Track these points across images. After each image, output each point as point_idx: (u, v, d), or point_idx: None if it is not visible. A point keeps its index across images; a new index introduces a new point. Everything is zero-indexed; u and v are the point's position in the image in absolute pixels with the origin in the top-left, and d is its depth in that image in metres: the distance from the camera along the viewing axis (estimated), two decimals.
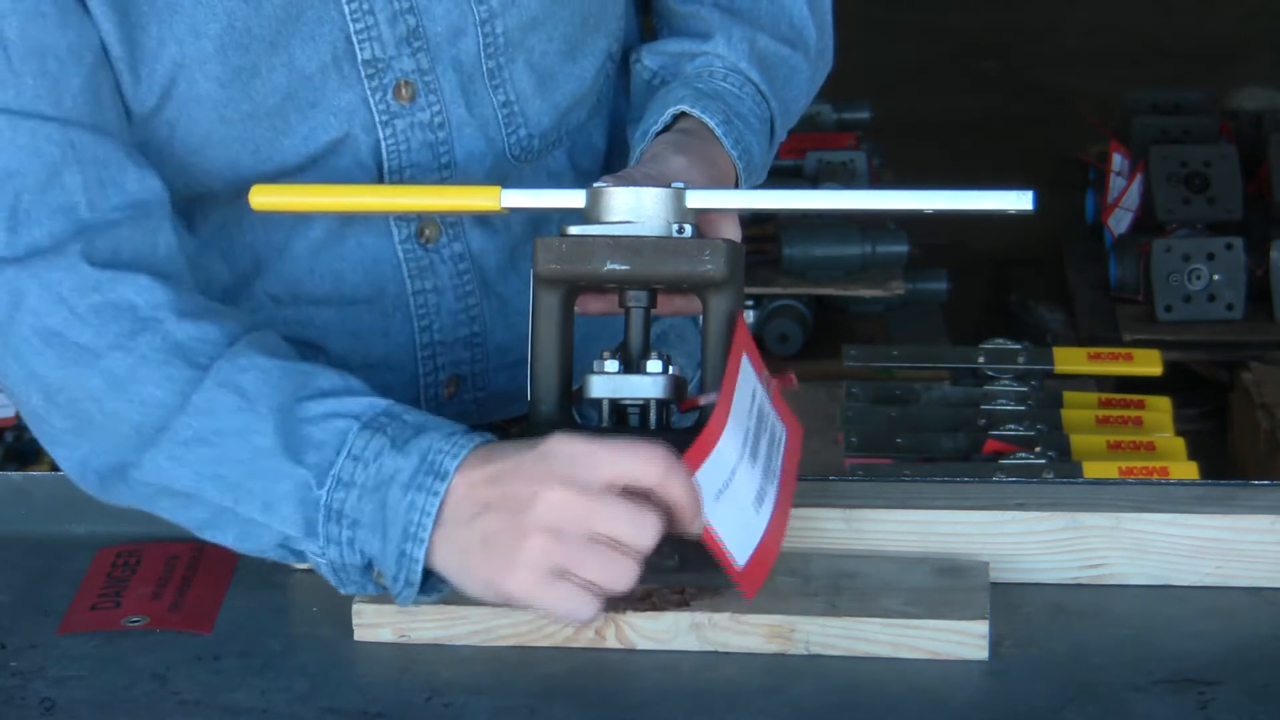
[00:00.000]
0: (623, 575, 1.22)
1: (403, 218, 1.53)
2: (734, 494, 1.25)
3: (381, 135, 1.47)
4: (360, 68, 1.45)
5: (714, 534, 1.23)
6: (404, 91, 1.47)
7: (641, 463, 1.22)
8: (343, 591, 1.33)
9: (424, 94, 1.48)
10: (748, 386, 1.28)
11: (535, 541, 1.23)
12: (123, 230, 1.37)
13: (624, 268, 1.31)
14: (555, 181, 1.57)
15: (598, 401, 1.34)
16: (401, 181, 1.48)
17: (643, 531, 1.21)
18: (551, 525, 1.22)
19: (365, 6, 1.44)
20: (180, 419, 1.33)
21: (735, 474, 1.25)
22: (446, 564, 1.28)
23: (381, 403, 1.33)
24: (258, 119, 1.43)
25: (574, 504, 1.22)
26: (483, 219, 1.54)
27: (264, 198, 1.41)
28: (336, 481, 1.31)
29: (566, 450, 1.24)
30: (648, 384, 1.33)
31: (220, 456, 1.33)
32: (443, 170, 1.50)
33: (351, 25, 1.44)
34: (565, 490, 1.22)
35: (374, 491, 1.29)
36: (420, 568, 1.28)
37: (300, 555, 1.34)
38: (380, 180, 1.48)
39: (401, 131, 1.48)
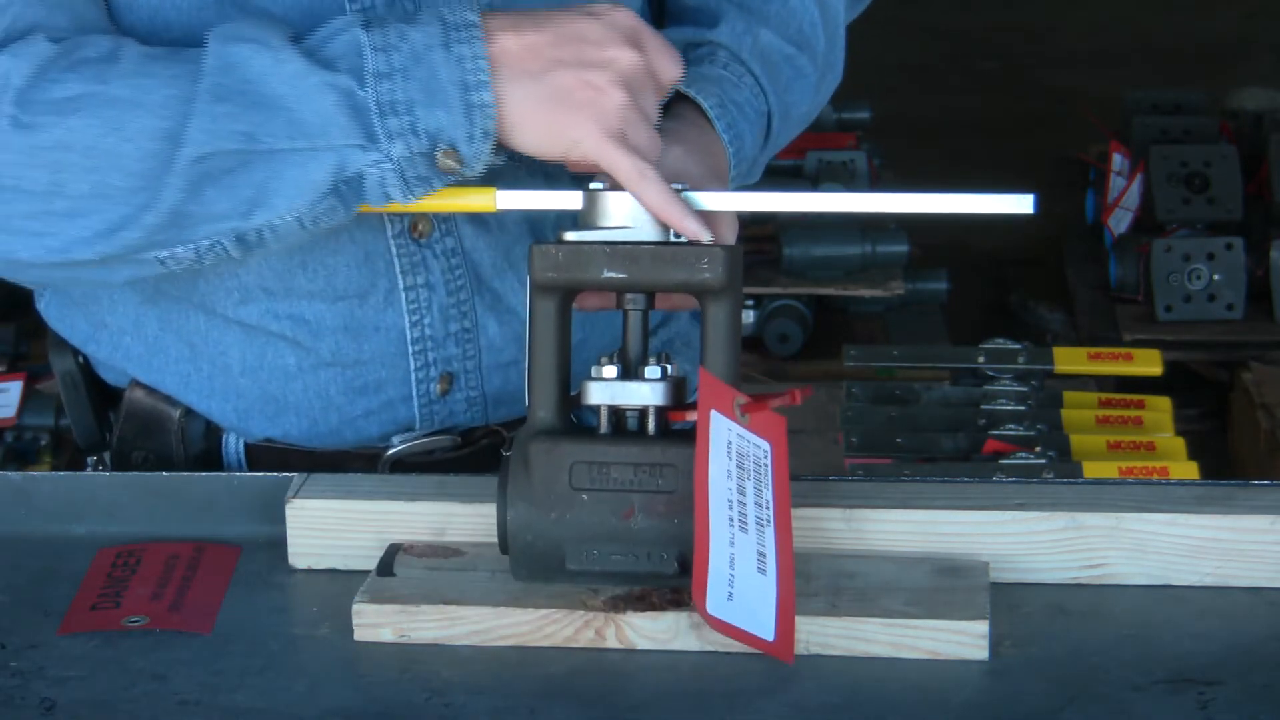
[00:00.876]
0: (654, 147, 1.37)
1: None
2: (740, 581, 1.25)
3: None
4: None
5: (737, 628, 1.24)
6: None
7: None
8: (407, 201, 1.37)
9: None
10: (720, 453, 1.28)
11: (618, 97, 1.34)
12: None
13: (621, 276, 1.31)
14: (551, 182, 1.57)
15: (596, 406, 1.33)
16: None
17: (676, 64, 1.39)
18: (629, 86, 1.35)
19: (367, 4, 1.45)
20: (201, 82, 1.34)
21: (735, 562, 1.26)
22: (513, 117, 1.35)
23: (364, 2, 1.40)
24: None
25: (642, 69, 1.36)
26: (476, 214, 1.55)
27: None
28: (376, 76, 1.34)
29: (609, 18, 1.36)
30: (645, 391, 1.33)
31: (256, 97, 1.34)
32: None
33: (348, 6, 1.44)
34: (636, 55, 1.35)
35: (415, 68, 1.34)
36: (494, 111, 1.34)
37: (354, 187, 1.36)
38: None
39: None
